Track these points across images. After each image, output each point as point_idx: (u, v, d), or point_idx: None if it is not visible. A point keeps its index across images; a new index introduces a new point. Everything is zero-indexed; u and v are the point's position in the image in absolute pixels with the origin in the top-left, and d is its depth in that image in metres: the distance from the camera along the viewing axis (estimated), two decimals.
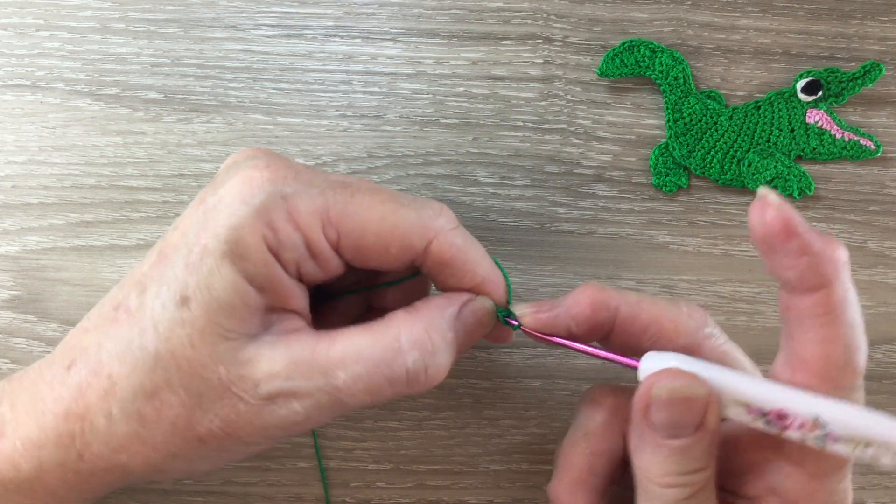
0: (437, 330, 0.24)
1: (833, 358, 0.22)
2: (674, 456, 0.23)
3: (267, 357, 0.23)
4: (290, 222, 0.23)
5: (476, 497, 0.35)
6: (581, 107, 0.36)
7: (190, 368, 0.22)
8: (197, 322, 0.22)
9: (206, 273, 0.22)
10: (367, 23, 0.36)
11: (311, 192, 0.24)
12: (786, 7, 0.36)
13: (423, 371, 0.24)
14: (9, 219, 0.35)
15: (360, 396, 0.23)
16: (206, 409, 0.23)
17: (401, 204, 0.24)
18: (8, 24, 0.36)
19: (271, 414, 0.23)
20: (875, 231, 0.36)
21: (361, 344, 0.23)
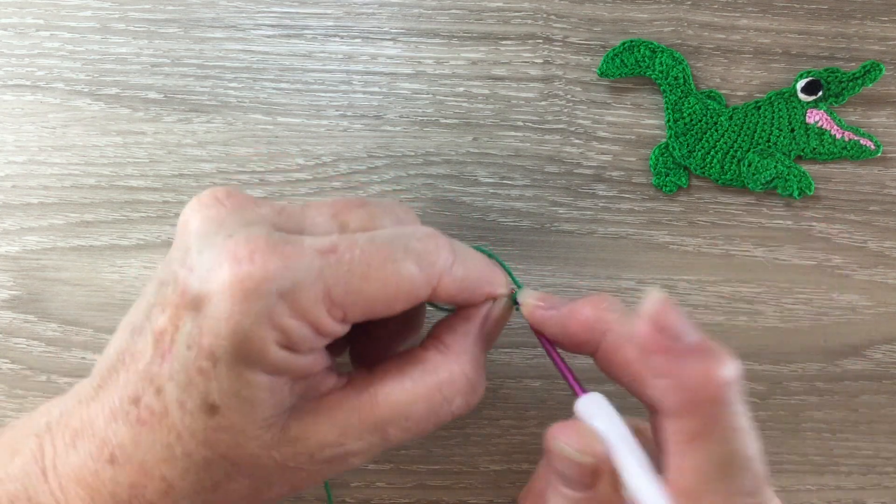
0: (471, 363, 0.25)
1: (701, 492, 0.21)
2: (569, 501, 0.24)
3: (314, 430, 0.23)
4: (296, 319, 0.22)
5: (476, 497, 0.35)
6: (581, 107, 0.36)
7: (244, 462, 0.22)
8: (234, 425, 0.22)
9: (226, 379, 0.21)
10: (367, 23, 0.36)
11: (307, 279, 0.22)
12: (786, 7, 0.36)
13: (466, 406, 0.25)
14: (9, 219, 0.35)
15: (408, 440, 0.25)
16: (270, 485, 0.23)
17: (397, 260, 0.23)
18: (8, 24, 0.36)
19: (331, 471, 0.24)
20: (875, 231, 0.36)
21: (405, 400, 0.24)
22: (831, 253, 0.36)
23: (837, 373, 0.35)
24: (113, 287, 0.35)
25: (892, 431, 0.35)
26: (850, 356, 0.36)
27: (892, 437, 0.35)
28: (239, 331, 0.21)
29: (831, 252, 0.36)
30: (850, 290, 0.36)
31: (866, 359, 0.36)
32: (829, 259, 0.36)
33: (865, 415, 0.35)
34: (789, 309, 0.36)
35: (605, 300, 0.26)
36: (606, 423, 0.24)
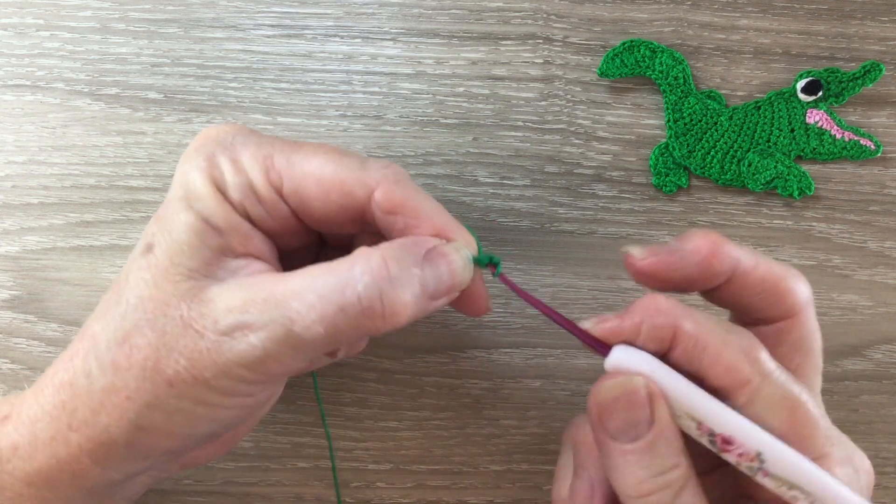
0: (396, 260, 0.23)
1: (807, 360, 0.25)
2: (641, 459, 0.23)
3: (227, 295, 0.23)
4: (233, 164, 0.24)
5: (476, 497, 0.35)
6: (581, 107, 0.36)
7: (154, 308, 0.23)
8: (160, 264, 0.23)
9: (167, 220, 0.24)
10: (367, 23, 0.36)
11: (256, 140, 0.25)
12: (786, 7, 0.36)
13: (378, 299, 0.23)
14: (9, 219, 0.35)
15: (314, 328, 0.23)
16: (171, 348, 0.23)
17: (345, 155, 0.25)
18: (8, 24, 0.36)
19: (230, 350, 0.23)
20: (875, 231, 0.36)
21: (316, 274, 0.23)
22: (831, 253, 0.36)
23: (837, 373, 0.35)
24: None
25: (892, 431, 0.35)
26: (850, 356, 0.36)
27: (892, 437, 0.35)
28: (187, 167, 0.24)
29: (831, 252, 0.36)
30: (850, 290, 0.36)
31: (866, 359, 0.36)
32: (829, 259, 0.36)
33: (865, 415, 0.35)
34: None
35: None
36: (645, 362, 0.23)
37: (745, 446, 0.22)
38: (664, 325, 0.23)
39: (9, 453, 0.24)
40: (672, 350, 0.24)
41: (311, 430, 0.35)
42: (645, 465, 0.23)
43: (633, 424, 0.23)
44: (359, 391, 0.35)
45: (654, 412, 0.23)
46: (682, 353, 0.23)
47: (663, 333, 0.23)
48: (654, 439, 0.23)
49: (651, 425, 0.23)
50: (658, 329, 0.23)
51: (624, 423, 0.23)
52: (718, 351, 0.23)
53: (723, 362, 0.23)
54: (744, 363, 0.23)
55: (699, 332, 0.23)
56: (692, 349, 0.23)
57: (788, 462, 0.22)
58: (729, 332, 0.23)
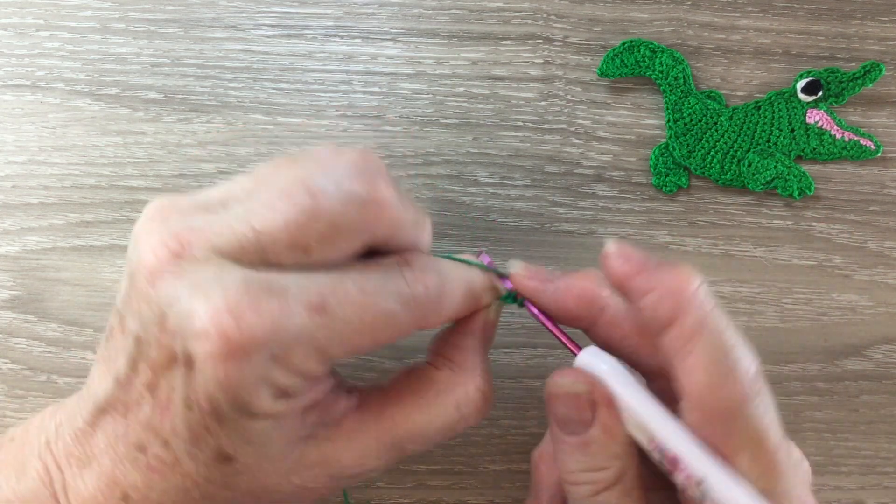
0: (482, 377, 0.26)
1: (708, 387, 0.22)
2: (575, 453, 0.24)
3: (332, 457, 0.23)
4: (288, 375, 0.21)
5: (476, 497, 0.35)
6: (581, 107, 0.36)
7: (265, 492, 0.23)
8: (251, 467, 0.22)
9: (234, 432, 0.21)
10: (367, 23, 0.36)
11: (298, 341, 0.20)
12: (786, 7, 0.36)
13: (482, 418, 0.26)
14: (9, 219, 0.35)
15: (424, 450, 0.25)
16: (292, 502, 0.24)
17: (387, 311, 0.22)
18: (8, 24, 0.36)
19: (349, 484, 0.25)
20: (875, 231, 0.36)
21: (423, 420, 0.25)
22: (831, 253, 0.36)
23: (837, 373, 0.35)
24: (113, 287, 0.35)
25: (892, 431, 0.35)
26: (850, 356, 0.36)
27: (892, 437, 0.35)
28: (232, 391, 0.20)
29: (831, 252, 0.36)
30: (850, 290, 0.36)
31: (866, 359, 0.36)
32: (829, 259, 0.36)
33: (865, 415, 0.35)
34: (789, 309, 0.36)
35: (596, 276, 0.26)
36: (605, 369, 0.24)
37: (691, 471, 0.22)
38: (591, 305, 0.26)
39: None
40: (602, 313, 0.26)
41: None
42: (576, 460, 0.24)
43: (572, 421, 0.24)
44: None
45: (595, 416, 0.24)
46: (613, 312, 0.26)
47: (588, 312, 0.26)
48: (588, 440, 0.24)
49: (588, 427, 0.24)
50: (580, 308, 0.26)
51: (565, 417, 0.24)
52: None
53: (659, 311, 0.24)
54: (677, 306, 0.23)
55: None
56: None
57: (732, 496, 0.22)
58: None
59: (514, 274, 0.27)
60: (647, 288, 0.22)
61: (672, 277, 0.22)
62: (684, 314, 0.22)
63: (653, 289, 0.22)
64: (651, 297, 0.22)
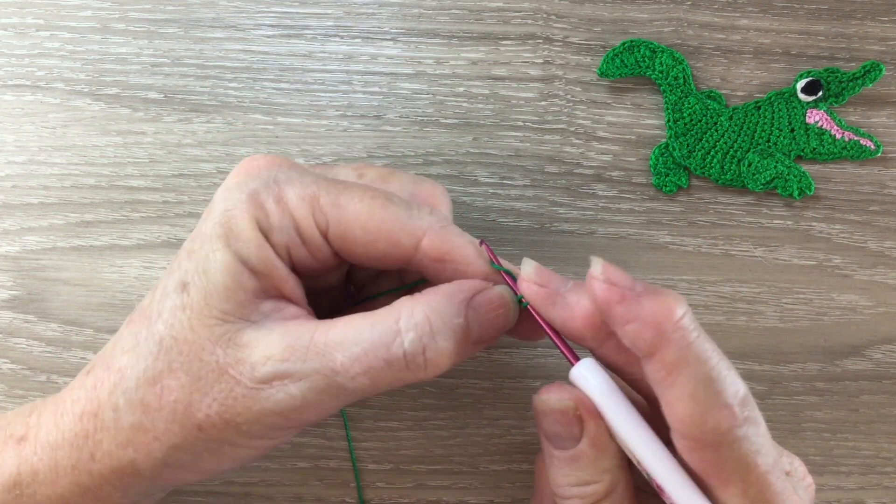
0: (439, 313, 0.23)
1: (692, 417, 0.21)
2: (564, 467, 0.24)
3: (265, 341, 0.23)
4: (280, 205, 0.24)
5: (476, 497, 0.35)
6: (581, 107, 0.36)
7: (190, 351, 0.23)
8: (196, 305, 0.23)
9: (203, 257, 0.23)
10: (367, 23, 0.36)
11: (303, 179, 0.24)
12: (786, 7, 0.36)
13: (421, 353, 0.23)
14: (9, 219, 0.35)
15: (358, 380, 0.23)
16: (204, 393, 0.23)
17: (391, 202, 0.25)
18: (8, 24, 0.36)
19: (268, 398, 0.23)
20: (875, 231, 0.36)
21: (361, 326, 0.23)
22: (831, 253, 0.36)
23: (837, 373, 0.35)
24: (113, 287, 0.35)
25: (892, 431, 0.35)
26: (850, 356, 0.36)
27: (892, 437, 0.35)
28: (228, 204, 0.24)
29: (831, 252, 0.36)
30: (850, 290, 0.36)
31: (866, 359, 0.36)
32: (829, 259, 0.36)
33: (865, 415, 0.35)
34: (789, 309, 0.36)
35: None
36: (597, 387, 0.24)
37: (672, 499, 0.22)
38: (599, 330, 0.24)
39: (29, 478, 0.24)
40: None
41: (311, 429, 0.35)
42: (566, 474, 0.24)
43: (560, 436, 0.24)
44: None
45: (584, 431, 0.24)
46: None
47: (597, 335, 0.25)
48: (577, 455, 0.24)
49: (577, 442, 0.24)
50: (589, 331, 0.25)
51: (554, 432, 0.24)
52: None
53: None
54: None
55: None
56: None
57: None
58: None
59: (523, 277, 0.25)
60: (629, 317, 0.22)
61: (654, 307, 0.21)
62: (666, 345, 0.21)
63: (635, 319, 0.21)
64: (632, 326, 0.21)
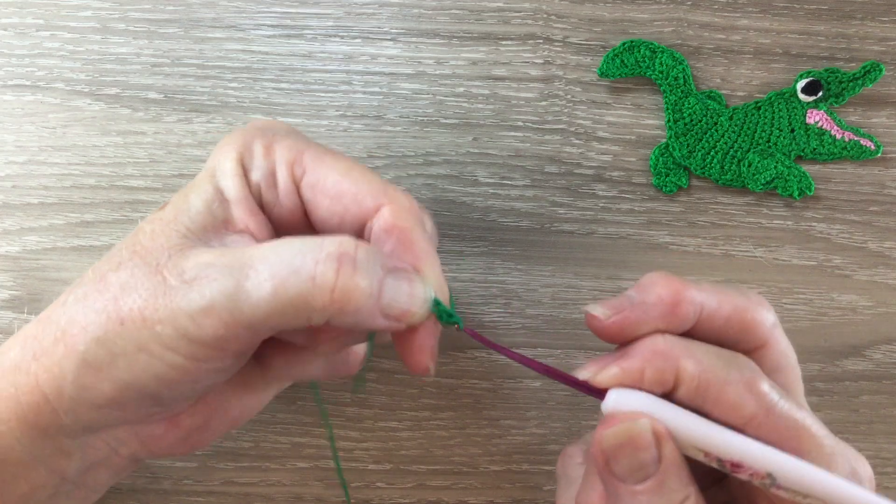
0: (366, 251, 0.23)
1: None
2: (652, 498, 0.23)
3: (199, 255, 0.24)
4: (265, 148, 0.26)
5: (476, 497, 0.35)
6: (581, 107, 0.36)
7: (142, 254, 0.24)
8: (165, 218, 0.25)
9: (191, 186, 0.26)
10: (367, 23, 0.36)
11: (296, 136, 0.26)
12: (786, 7, 0.36)
13: (333, 271, 0.22)
14: (9, 219, 0.35)
15: (263, 286, 0.22)
16: (134, 287, 0.23)
17: (372, 174, 0.26)
18: (8, 24, 0.36)
19: (183, 297, 0.23)
20: (875, 231, 0.36)
21: (287, 241, 0.23)
22: (831, 253, 0.36)
23: (837, 373, 0.35)
24: None
25: (892, 431, 0.35)
26: (850, 356, 0.36)
27: (892, 437, 0.35)
28: (221, 147, 0.26)
29: (831, 252, 0.36)
30: (850, 290, 0.36)
31: (866, 359, 0.36)
32: (829, 259, 0.36)
33: (865, 415, 0.35)
34: (789, 309, 0.36)
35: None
36: (643, 402, 0.23)
37: (755, 468, 0.22)
38: (666, 369, 0.23)
39: None
40: (675, 391, 0.23)
41: (311, 430, 0.35)
42: (656, 503, 0.23)
43: (641, 467, 0.22)
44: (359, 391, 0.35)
45: (661, 450, 0.22)
46: (685, 393, 0.23)
47: (666, 377, 0.23)
48: (663, 477, 0.22)
49: (659, 464, 0.22)
50: (661, 373, 0.23)
51: (632, 466, 0.22)
52: (722, 389, 0.23)
53: (727, 400, 0.23)
54: (748, 399, 0.23)
55: (701, 371, 0.23)
56: (695, 390, 0.23)
57: (800, 476, 0.22)
58: (730, 367, 0.23)
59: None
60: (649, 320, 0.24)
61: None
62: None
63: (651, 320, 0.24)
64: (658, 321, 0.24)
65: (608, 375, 0.23)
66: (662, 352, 0.23)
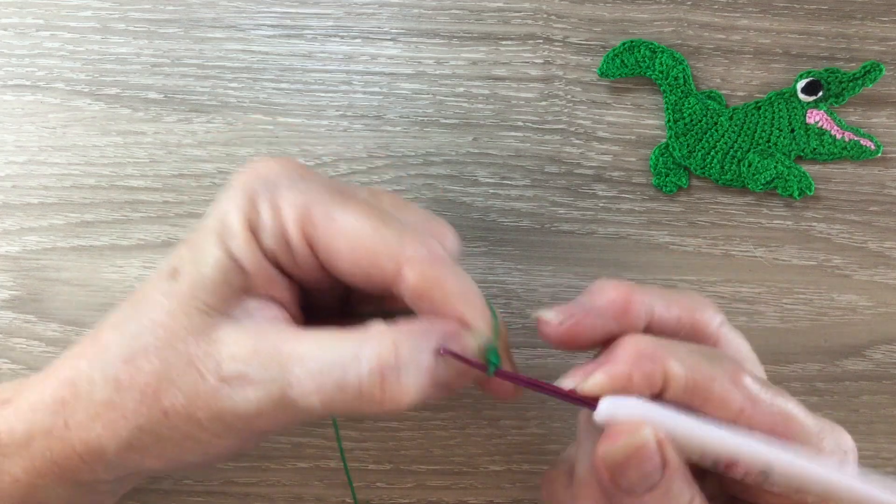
0: (408, 348, 0.22)
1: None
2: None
3: (234, 339, 0.23)
4: (271, 209, 0.24)
5: (476, 497, 0.35)
6: (581, 107, 0.36)
7: (166, 337, 0.23)
8: (181, 293, 0.23)
9: (198, 247, 0.24)
10: (367, 23, 0.36)
11: (300, 187, 0.24)
12: (786, 7, 0.36)
13: (379, 386, 0.22)
14: (9, 219, 0.35)
15: (310, 398, 0.22)
16: (171, 382, 0.23)
17: (384, 223, 0.24)
18: (8, 24, 0.36)
19: (226, 398, 0.23)
20: (875, 231, 0.36)
21: (324, 343, 0.23)
22: (831, 253, 0.36)
23: (837, 373, 0.35)
24: (113, 287, 0.35)
25: (892, 431, 0.35)
26: (850, 356, 0.36)
27: (892, 437, 0.35)
28: (228, 202, 0.24)
29: (831, 252, 0.36)
30: (850, 290, 0.36)
31: (866, 359, 0.36)
32: (829, 259, 0.36)
33: (865, 415, 0.35)
34: (789, 309, 0.36)
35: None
36: (636, 408, 0.23)
37: (749, 465, 0.22)
38: (654, 372, 0.23)
39: (5, 437, 0.24)
40: (663, 393, 0.23)
41: (311, 429, 0.35)
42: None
43: (647, 476, 0.22)
44: None
45: (665, 456, 0.22)
46: (673, 394, 0.23)
47: (654, 379, 0.23)
48: (669, 483, 0.22)
49: (664, 470, 0.22)
50: (649, 376, 0.23)
51: (638, 477, 0.22)
52: (709, 386, 0.23)
53: (715, 397, 0.23)
54: (734, 394, 0.23)
55: (688, 370, 0.23)
56: (684, 390, 0.23)
57: (794, 471, 0.22)
58: (713, 364, 0.23)
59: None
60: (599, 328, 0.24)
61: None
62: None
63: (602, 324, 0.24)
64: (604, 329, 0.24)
65: (595, 383, 0.23)
66: (648, 354, 0.23)
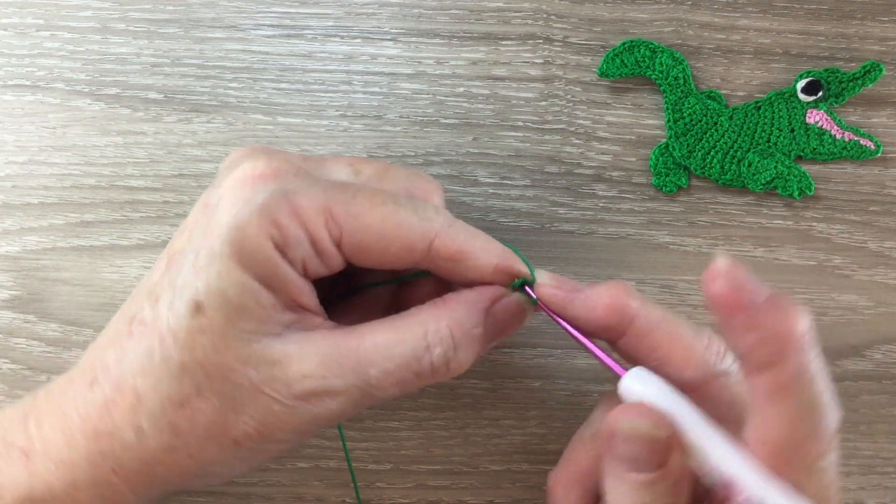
0: (460, 326, 0.25)
1: (789, 440, 0.21)
2: (636, 490, 0.22)
3: (297, 357, 0.23)
4: (295, 219, 0.23)
5: (476, 497, 0.35)
6: (581, 107, 0.36)
7: (219, 374, 0.23)
8: (216, 328, 0.22)
9: (216, 277, 0.22)
10: (367, 23, 0.36)
11: (314, 189, 0.24)
12: (786, 7, 0.36)
13: (446, 365, 0.25)
14: (9, 219, 0.35)
15: (390, 390, 0.24)
16: (240, 412, 0.23)
17: (399, 206, 0.25)
18: (8, 24, 0.36)
19: (307, 412, 0.23)
20: (875, 231, 0.36)
21: (390, 341, 0.24)
22: (831, 253, 0.36)
23: (837, 373, 0.35)
24: (113, 287, 0.35)
25: (892, 431, 0.35)
26: (850, 356, 0.36)
27: (892, 437, 0.35)
28: (238, 220, 0.23)
29: (831, 252, 0.36)
30: (850, 290, 0.36)
31: (866, 359, 0.36)
32: (829, 259, 0.36)
33: (865, 415, 0.35)
34: None
35: (624, 287, 0.26)
36: (661, 396, 0.23)
37: (749, 494, 0.22)
38: (621, 315, 0.25)
39: (44, 494, 0.23)
40: (625, 334, 0.25)
41: None
42: (637, 496, 0.23)
43: (640, 462, 0.22)
44: None
45: (668, 460, 0.22)
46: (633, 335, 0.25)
47: (619, 322, 0.25)
48: (655, 480, 0.22)
49: (657, 469, 0.22)
50: (610, 317, 0.25)
51: (633, 455, 0.22)
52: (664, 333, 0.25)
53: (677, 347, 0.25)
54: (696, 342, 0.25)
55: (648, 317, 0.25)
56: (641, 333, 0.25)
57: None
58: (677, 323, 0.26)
59: (539, 284, 0.26)
60: (752, 326, 0.20)
61: (780, 319, 0.20)
62: (784, 363, 0.20)
63: (757, 328, 0.20)
64: (752, 337, 0.21)
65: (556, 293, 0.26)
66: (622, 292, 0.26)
